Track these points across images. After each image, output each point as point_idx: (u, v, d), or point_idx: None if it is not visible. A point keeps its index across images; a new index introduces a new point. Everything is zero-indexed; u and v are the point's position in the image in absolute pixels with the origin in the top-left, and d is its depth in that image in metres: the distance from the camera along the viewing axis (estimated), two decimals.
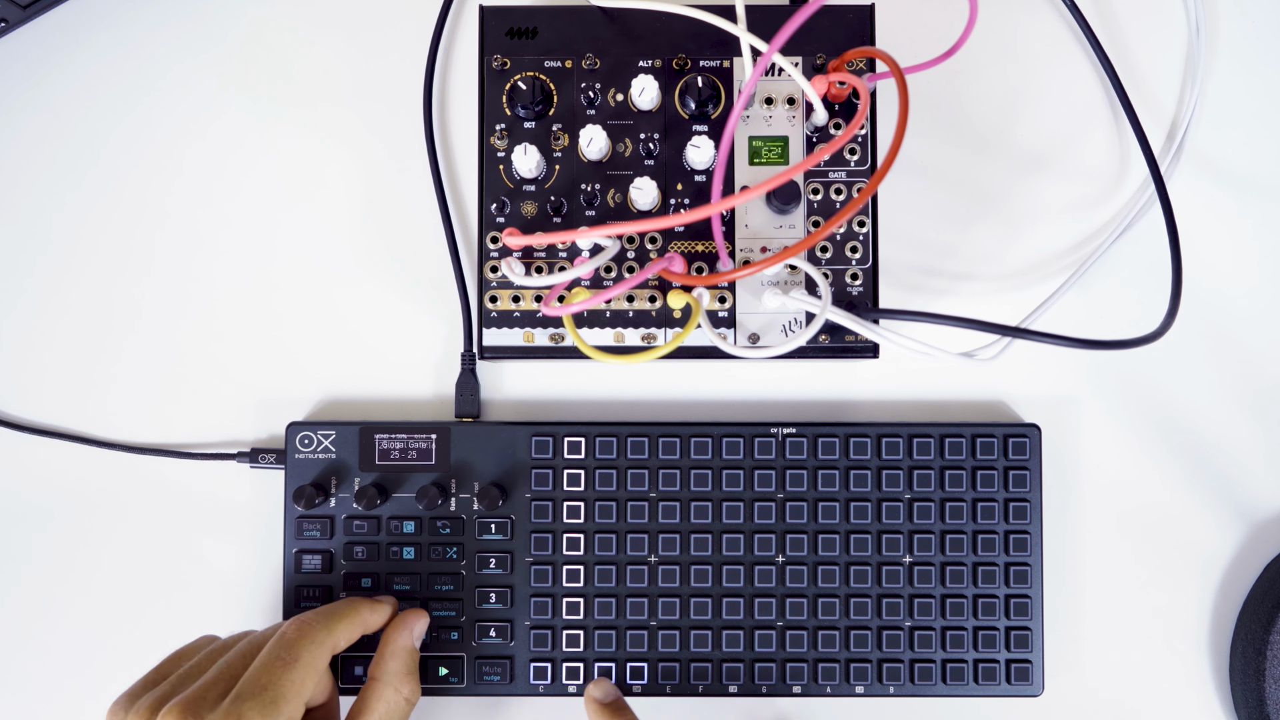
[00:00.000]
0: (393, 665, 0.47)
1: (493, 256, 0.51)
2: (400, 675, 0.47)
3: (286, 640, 0.44)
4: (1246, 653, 0.52)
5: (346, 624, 0.46)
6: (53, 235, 0.55)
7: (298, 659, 0.43)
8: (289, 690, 0.42)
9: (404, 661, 0.48)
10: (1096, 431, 0.54)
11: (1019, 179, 0.55)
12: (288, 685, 0.42)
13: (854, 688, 0.51)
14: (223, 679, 0.42)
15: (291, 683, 0.42)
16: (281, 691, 0.42)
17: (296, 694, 0.42)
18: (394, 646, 0.48)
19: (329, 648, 0.45)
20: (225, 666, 0.43)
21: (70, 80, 0.55)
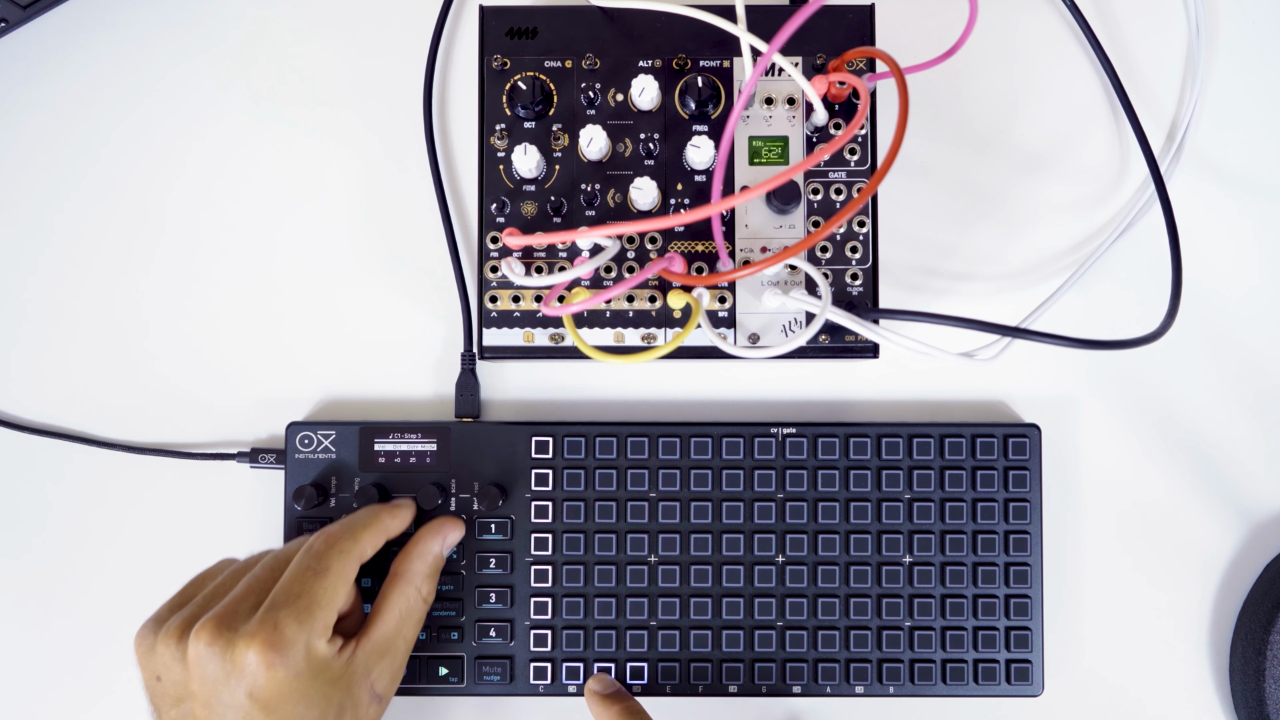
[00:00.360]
0: (418, 565, 0.47)
1: (493, 256, 0.51)
2: (422, 575, 0.47)
3: (315, 551, 0.44)
4: (1246, 653, 0.52)
5: (371, 532, 0.46)
6: (53, 235, 0.55)
7: (328, 568, 0.43)
8: (322, 598, 0.42)
9: (429, 563, 0.48)
10: (1096, 431, 0.54)
11: (1019, 179, 0.55)
12: (320, 593, 0.42)
13: (854, 688, 0.51)
14: (252, 593, 0.43)
15: (324, 590, 0.43)
16: (315, 599, 0.42)
17: (329, 602, 0.43)
18: (422, 548, 0.48)
19: (356, 556, 0.45)
20: (253, 581, 0.43)
21: (70, 80, 0.55)
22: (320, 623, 0.42)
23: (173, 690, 0.42)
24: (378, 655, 0.45)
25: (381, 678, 0.45)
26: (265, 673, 0.40)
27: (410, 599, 0.47)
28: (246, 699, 0.40)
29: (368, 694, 0.44)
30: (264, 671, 0.40)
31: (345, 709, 0.43)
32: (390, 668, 0.46)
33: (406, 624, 0.46)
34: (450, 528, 0.50)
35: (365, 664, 0.44)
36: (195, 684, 0.41)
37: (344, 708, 0.43)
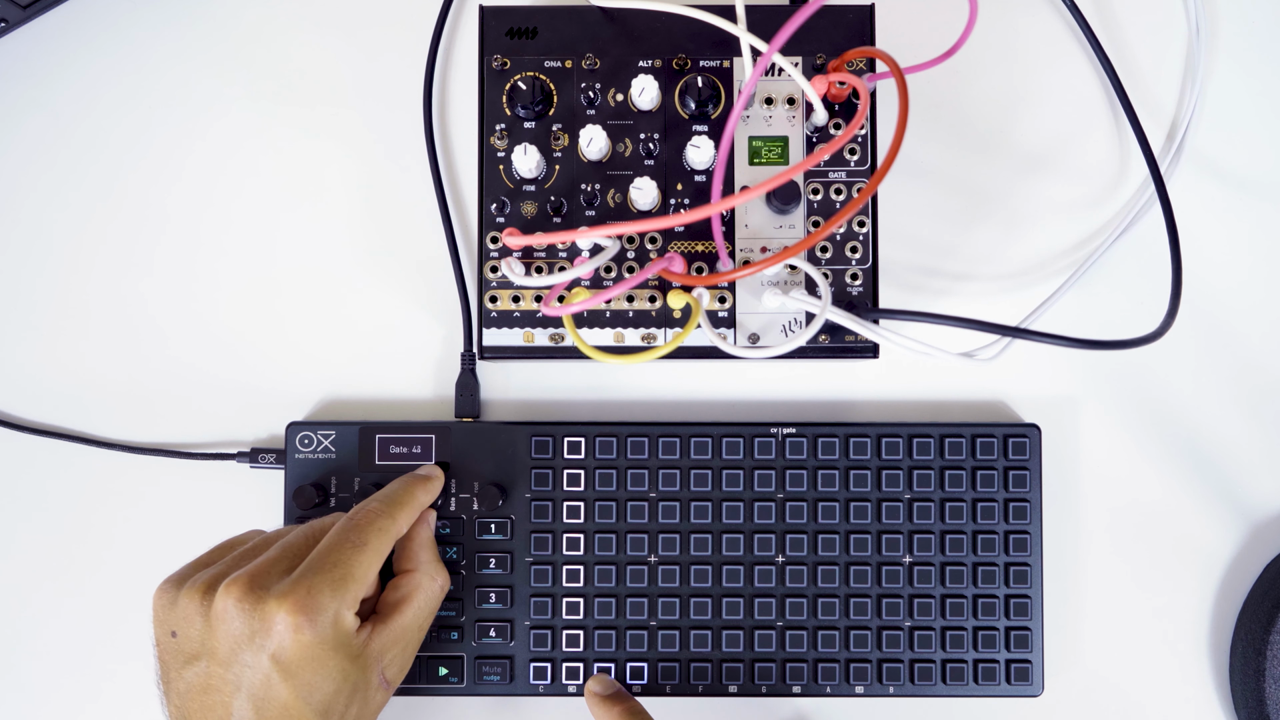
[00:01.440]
0: (425, 556, 0.47)
1: (493, 256, 0.51)
2: (433, 564, 0.48)
3: (356, 524, 0.44)
4: (1246, 653, 0.52)
5: (408, 511, 0.47)
6: (53, 235, 0.55)
7: (366, 543, 0.43)
8: (357, 571, 0.42)
9: (432, 551, 0.48)
10: (1096, 431, 0.54)
11: (1019, 179, 0.55)
12: (356, 566, 0.42)
13: (854, 688, 0.51)
14: (286, 557, 0.42)
15: (360, 564, 0.42)
16: (351, 571, 0.42)
17: (363, 577, 0.42)
18: (421, 539, 0.48)
19: (393, 535, 0.45)
20: (288, 546, 0.43)
21: (71, 80, 0.55)
22: (352, 595, 0.42)
23: (188, 647, 0.41)
24: (393, 642, 0.44)
25: (393, 665, 0.45)
26: (292, 635, 0.40)
27: (429, 590, 0.47)
28: (269, 660, 0.40)
29: (378, 678, 0.44)
30: (291, 634, 0.40)
31: (358, 689, 0.42)
32: (402, 656, 0.46)
33: (423, 614, 0.46)
34: (428, 513, 0.49)
35: (381, 648, 0.44)
36: (217, 640, 0.40)
37: (357, 687, 0.42)
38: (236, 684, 0.40)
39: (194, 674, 0.41)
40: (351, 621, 0.42)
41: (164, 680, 0.42)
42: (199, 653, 0.41)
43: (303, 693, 0.40)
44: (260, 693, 0.40)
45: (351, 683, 0.42)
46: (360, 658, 0.42)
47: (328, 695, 0.41)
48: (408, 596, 0.46)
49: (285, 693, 0.40)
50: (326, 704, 0.41)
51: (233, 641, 0.40)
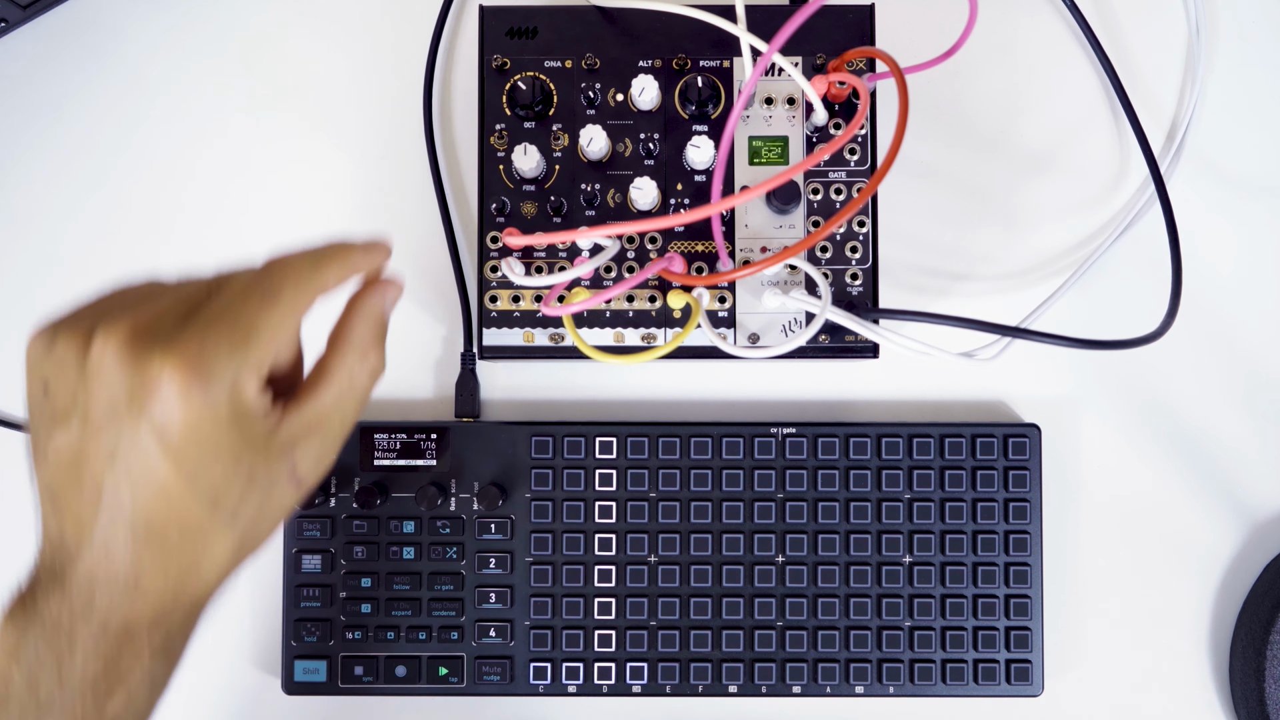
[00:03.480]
0: (362, 330, 0.38)
1: (493, 256, 0.51)
2: (368, 342, 0.38)
3: (268, 272, 0.35)
4: (1246, 653, 0.52)
5: (336, 264, 0.37)
6: (53, 236, 0.55)
7: (278, 295, 0.35)
8: (264, 329, 0.34)
9: (373, 328, 0.39)
10: (1096, 431, 0.54)
11: (1019, 179, 0.55)
12: (264, 322, 0.34)
13: (854, 688, 0.51)
14: (183, 305, 0.34)
15: (268, 320, 0.34)
16: (256, 327, 0.34)
17: (272, 337, 0.34)
18: (365, 308, 0.39)
19: (314, 289, 0.36)
20: (185, 293, 0.35)
21: (71, 81, 0.55)
22: (255, 357, 0.33)
23: (60, 404, 0.33)
24: (307, 430, 0.36)
25: (306, 458, 0.36)
26: (178, 401, 0.32)
27: (355, 371, 0.38)
28: (149, 429, 0.32)
29: (286, 473, 0.36)
30: (177, 399, 0.32)
31: (256, 480, 0.35)
32: (318, 449, 0.37)
33: (347, 400, 0.37)
34: (388, 283, 0.40)
35: (291, 436, 0.35)
36: (92, 399, 0.33)
37: (254, 478, 0.34)
38: (111, 455, 0.33)
39: (65, 440, 0.33)
40: (253, 396, 0.34)
41: (33, 447, 0.35)
42: (70, 412, 0.33)
43: (187, 474, 0.33)
44: (137, 469, 0.32)
45: (247, 471, 0.34)
46: (262, 445, 0.34)
47: (218, 482, 0.33)
48: (329, 375, 0.37)
49: (166, 472, 0.32)
50: (216, 492, 0.33)
51: (109, 402, 0.32)
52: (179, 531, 0.34)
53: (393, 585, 0.51)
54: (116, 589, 0.33)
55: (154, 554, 0.33)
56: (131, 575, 0.33)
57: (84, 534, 0.33)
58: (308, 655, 0.51)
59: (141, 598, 0.34)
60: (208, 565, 0.35)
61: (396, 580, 0.51)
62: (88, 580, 0.33)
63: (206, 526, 0.34)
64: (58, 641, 0.33)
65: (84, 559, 0.33)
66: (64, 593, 0.34)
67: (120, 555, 0.33)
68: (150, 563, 0.33)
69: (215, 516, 0.34)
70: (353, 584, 0.51)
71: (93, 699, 0.34)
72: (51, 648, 0.33)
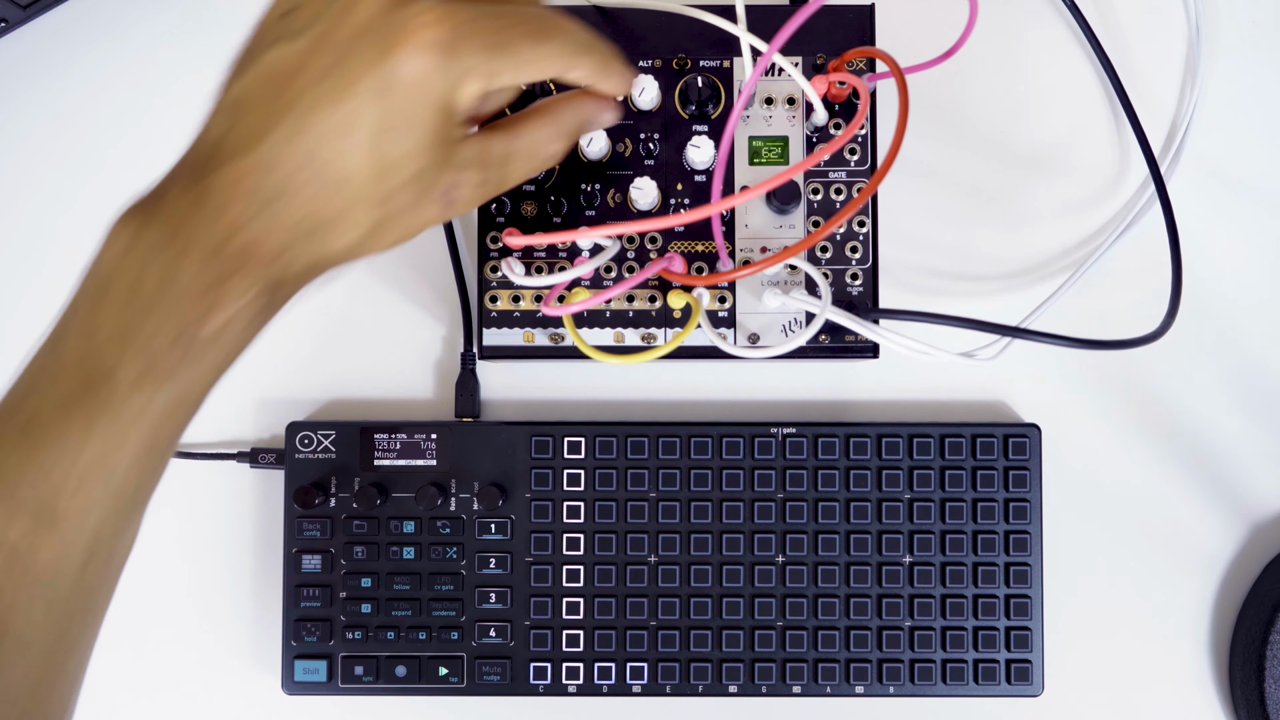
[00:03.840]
0: (567, 117, 0.39)
1: (493, 256, 0.51)
2: (565, 129, 0.39)
3: (553, 21, 0.36)
4: (1246, 653, 0.52)
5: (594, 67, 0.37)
6: (54, 236, 0.55)
7: (546, 41, 0.35)
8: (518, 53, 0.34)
9: (576, 123, 0.40)
10: (1096, 431, 0.54)
11: (1019, 179, 0.55)
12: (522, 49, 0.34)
13: (854, 688, 0.51)
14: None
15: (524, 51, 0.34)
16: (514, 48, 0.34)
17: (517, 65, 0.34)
18: (583, 106, 0.40)
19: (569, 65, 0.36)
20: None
21: (71, 81, 0.55)
22: (497, 70, 0.33)
23: (297, 24, 0.34)
24: (481, 162, 0.36)
25: (467, 184, 0.36)
26: (418, 60, 0.32)
27: (542, 143, 0.38)
28: (375, 69, 0.32)
29: (445, 188, 0.35)
30: (418, 57, 0.32)
31: (422, 177, 0.34)
32: (479, 183, 0.37)
33: (522, 160, 0.38)
34: (611, 109, 0.41)
35: (467, 158, 0.36)
36: (336, 24, 0.33)
37: (423, 174, 0.34)
38: (324, 76, 0.32)
39: (284, 53, 0.33)
40: (472, 98, 0.34)
41: (240, 60, 0.35)
42: (303, 32, 0.33)
43: (380, 129, 0.33)
44: (344, 100, 0.32)
45: (423, 163, 0.34)
46: (447, 147, 0.34)
47: (397, 155, 0.33)
48: (520, 131, 0.38)
49: (366, 115, 0.32)
50: (389, 164, 0.33)
51: (354, 30, 0.32)
52: (337, 181, 0.33)
53: (393, 585, 0.51)
54: (252, 207, 0.33)
55: (305, 188, 0.33)
56: (275, 198, 0.33)
57: (250, 143, 0.33)
58: (308, 655, 0.51)
59: (271, 225, 0.33)
60: (340, 231, 0.34)
61: (396, 580, 0.51)
62: (228, 188, 0.33)
63: (363, 191, 0.34)
64: (178, 239, 0.33)
65: (236, 166, 0.33)
66: (198, 195, 0.33)
67: (275, 175, 0.33)
68: (297, 194, 0.33)
69: (374, 186, 0.34)
70: (353, 584, 0.51)
71: (193, 311, 0.33)
72: (172, 242, 0.33)
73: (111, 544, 0.34)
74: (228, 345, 0.34)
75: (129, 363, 0.32)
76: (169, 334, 0.32)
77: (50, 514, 0.31)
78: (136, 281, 0.32)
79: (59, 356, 0.33)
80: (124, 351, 0.32)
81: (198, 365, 0.34)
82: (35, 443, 0.31)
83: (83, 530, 0.32)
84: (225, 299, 0.33)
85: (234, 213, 0.33)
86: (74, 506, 0.32)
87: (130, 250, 0.33)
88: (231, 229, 0.33)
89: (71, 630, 0.33)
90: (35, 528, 0.31)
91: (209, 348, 0.34)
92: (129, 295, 0.32)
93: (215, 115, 0.35)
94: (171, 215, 0.33)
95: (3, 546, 0.30)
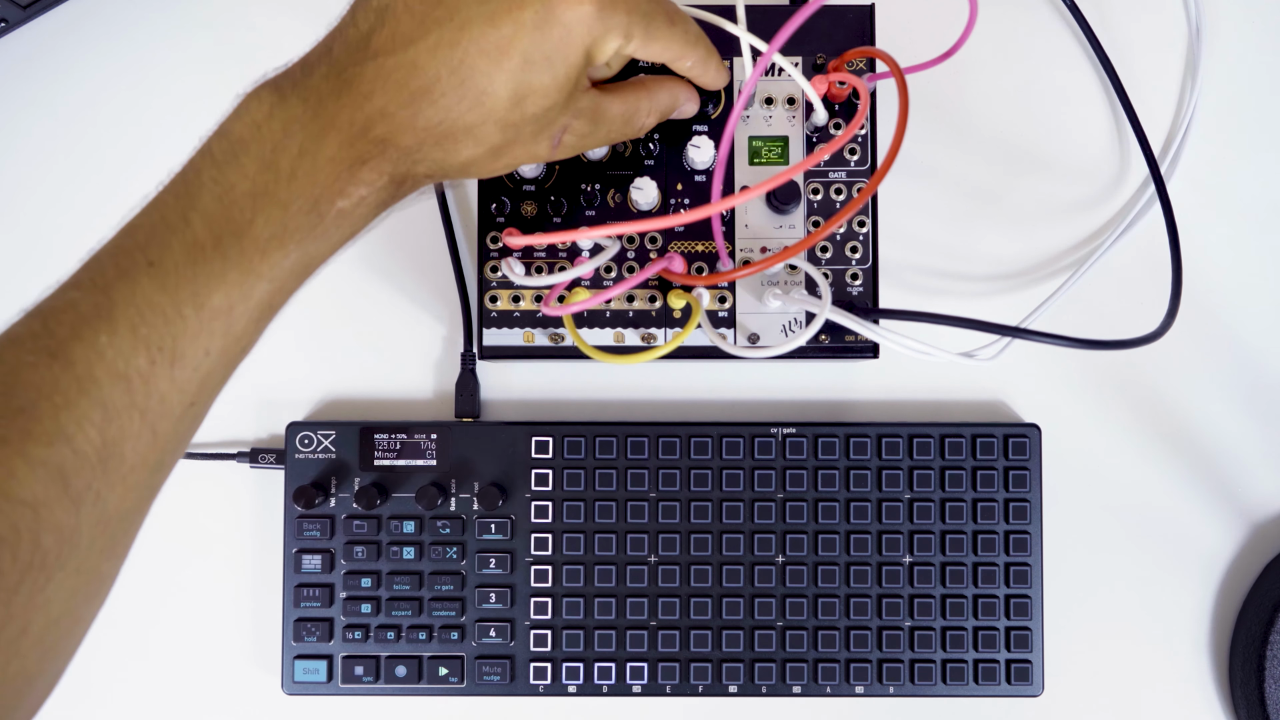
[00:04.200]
0: (662, 96, 0.44)
1: (493, 256, 0.51)
2: (657, 105, 0.44)
3: (682, 14, 0.40)
4: (1246, 653, 0.52)
5: (704, 48, 0.42)
6: (54, 236, 0.55)
7: (678, 19, 0.39)
8: (654, 22, 0.38)
9: (668, 103, 0.45)
10: (1096, 431, 0.54)
11: (1019, 179, 0.55)
12: (657, 14, 0.38)
13: (854, 688, 0.51)
14: None
15: (662, 19, 0.38)
16: (654, 12, 0.38)
17: (656, 30, 0.38)
18: (676, 90, 0.45)
19: (687, 44, 0.41)
20: None
21: (71, 81, 0.55)
22: (633, 29, 0.37)
23: None
24: (593, 115, 0.40)
25: (575, 131, 0.40)
26: (579, 2, 0.35)
27: (635, 112, 0.43)
28: (538, 4, 0.35)
29: (559, 129, 0.39)
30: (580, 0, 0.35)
31: (546, 113, 0.37)
32: (585, 132, 0.41)
33: (616, 122, 0.42)
34: (695, 99, 0.46)
35: (582, 107, 0.39)
36: None
37: (547, 110, 0.37)
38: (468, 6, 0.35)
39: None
40: (612, 51, 0.37)
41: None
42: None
43: (528, 54, 0.35)
44: (501, 19, 0.35)
45: (551, 100, 0.37)
46: (573, 90, 0.38)
47: (533, 83, 0.36)
48: (623, 97, 0.42)
49: (522, 39, 0.35)
50: (524, 91, 0.36)
51: None
52: (479, 93, 0.35)
53: (393, 585, 0.51)
54: (397, 101, 0.35)
55: (448, 94, 0.35)
56: (417, 96, 0.35)
57: (402, 43, 0.35)
58: (308, 655, 0.51)
59: (411, 122, 0.35)
60: (467, 143, 0.37)
61: (396, 580, 0.51)
62: (374, 81, 0.35)
63: (498, 112, 0.36)
64: (320, 118, 0.34)
65: (382, 63, 0.35)
66: (345, 81, 0.35)
67: (421, 75, 0.35)
68: (439, 96, 0.35)
69: (509, 110, 0.36)
70: (353, 584, 0.51)
71: (331, 185, 0.35)
72: (315, 119, 0.34)
73: (212, 393, 0.35)
74: (353, 223, 0.36)
75: (264, 222, 0.33)
76: (305, 201, 0.34)
77: (171, 353, 0.32)
78: (276, 149, 0.34)
79: (189, 205, 0.33)
80: (260, 210, 0.33)
81: (325, 236, 0.35)
82: (163, 283, 0.32)
83: (197, 372, 0.33)
84: (359, 179, 0.35)
85: (378, 103, 0.35)
86: (194, 349, 0.33)
87: (268, 120, 0.34)
88: (373, 117, 0.35)
89: (163, 469, 0.35)
90: (156, 364, 0.32)
91: (339, 221, 0.35)
92: (268, 160, 0.34)
93: (359, 13, 0.36)
94: (314, 94, 0.35)
95: (124, 378, 0.31)
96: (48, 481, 0.30)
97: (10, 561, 0.29)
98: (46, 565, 0.30)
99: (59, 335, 0.31)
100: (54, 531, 0.30)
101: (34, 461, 0.30)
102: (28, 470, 0.30)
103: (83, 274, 0.33)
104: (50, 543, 0.30)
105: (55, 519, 0.30)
